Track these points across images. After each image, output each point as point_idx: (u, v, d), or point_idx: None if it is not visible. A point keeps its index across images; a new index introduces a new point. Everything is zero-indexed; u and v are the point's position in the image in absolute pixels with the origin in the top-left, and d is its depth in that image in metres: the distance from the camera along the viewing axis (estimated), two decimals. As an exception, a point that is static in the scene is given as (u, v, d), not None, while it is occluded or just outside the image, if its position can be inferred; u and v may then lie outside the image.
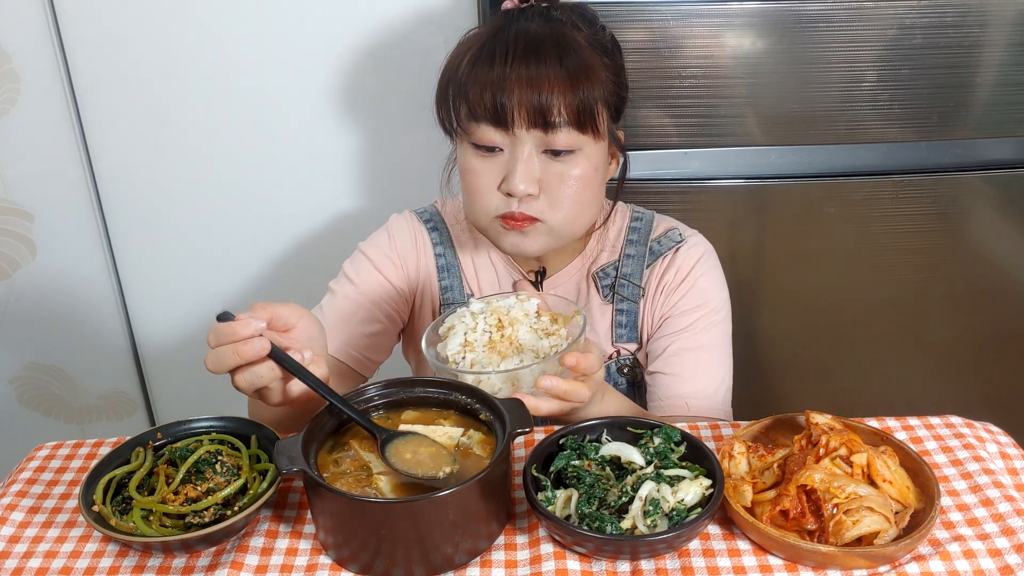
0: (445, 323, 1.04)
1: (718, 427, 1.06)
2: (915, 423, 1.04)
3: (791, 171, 1.52)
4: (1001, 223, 1.58)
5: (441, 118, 1.15)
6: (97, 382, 1.88)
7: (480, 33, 1.12)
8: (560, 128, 1.06)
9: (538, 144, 1.08)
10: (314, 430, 0.91)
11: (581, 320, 1.02)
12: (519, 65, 1.05)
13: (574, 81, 1.05)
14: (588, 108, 1.06)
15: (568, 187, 1.10)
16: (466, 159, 1.13)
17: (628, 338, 1.24)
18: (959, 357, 1.70)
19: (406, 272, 1.27)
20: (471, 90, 1.07)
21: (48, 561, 0.88)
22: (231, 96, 1.60)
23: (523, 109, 1.05)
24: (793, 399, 1.72)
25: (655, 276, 1.23)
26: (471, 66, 1.08)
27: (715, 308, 1.22)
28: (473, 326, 1.01)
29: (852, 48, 1.43)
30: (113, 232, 1.72)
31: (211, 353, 0.89)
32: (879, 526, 0.82)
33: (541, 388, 0.95)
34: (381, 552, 0.83)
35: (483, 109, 1.06)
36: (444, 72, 1.14)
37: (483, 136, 1.09)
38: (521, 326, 1.01)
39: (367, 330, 1.24)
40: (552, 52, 1.05)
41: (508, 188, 1.09)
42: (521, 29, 1.08)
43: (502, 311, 1.03)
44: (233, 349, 0.87)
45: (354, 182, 1.69)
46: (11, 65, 1.57)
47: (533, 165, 1.09)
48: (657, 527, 0.84)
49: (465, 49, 1.10)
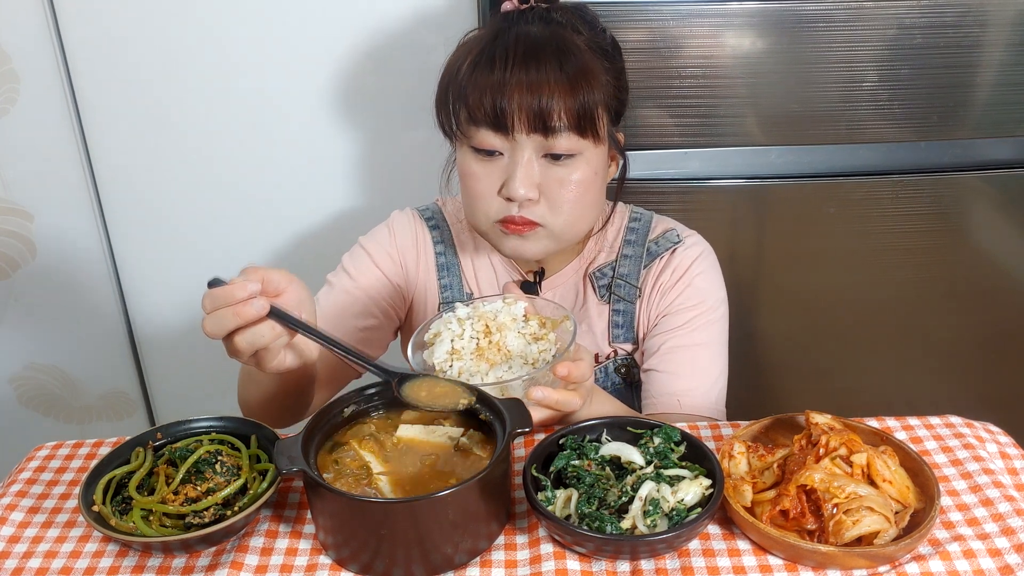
0: (431, 329, 1.03)
1: (718, 427, 1.06)
2: (915, 423, 1.04)
3: (791, 171, 1.52)
4: (1001, 223, 1.58)
5: (441, 121, 1.15)
6: (97, 382, 1.88)
7: (480, 36, 1.11)
8: (560, 133, 1.06)
9: (538, 148, 1.08)
10: (314, 430, 0.91)
11: (571, 326, 1.00)
12: (519, 70, 1.04)
13: (574, 86, 1.05)
14: (588, 112, 1.06)
15: (568, 191, 1.10)
16: (466, 163, 1.12)
17: (624, 338, 1.24)
18: (959, 357, 1.70)
19: (405, 269, 1.27)
20: (471, 95, 1.06)
21: (48, 561, 0.88)
22: (231, 96, 1.60)
23: (523, 114, 1.04)
24: (793, 399, 1.72)
25: (651, 277, 1.23)
26: (471, 70, 1.07)
27: (711, 307, 1.22)
28: (460, 333, 1.01)
29: (852, 48, 1.43)
30: (113, 232, 1.72)
31: (208, 317, 0.88)
32: (879, 526, 0.82)
33: (532, 399, 0.95)
34: (381, 552, 0.83)
35: (483, 114, 1.06)
36: (444, 75, 1.13)
37: (483, 140, 1.08)
38: (509, 332, 1.00)
39: (361, 324, 1.24)
40: (552, 56, 1.05)
41: (508, 193, 1.09)
42: (521, 32, 1.07)
43: (489, 316, 1.02)
44: (233, 311, 0.86)
45: (354, 182, 1.69)
46: (11, 65, 1.57)
47: (533, 169, 1.08)
48: (657, 527, 0.84)
49: (465, 52, 1.10)
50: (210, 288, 0.88)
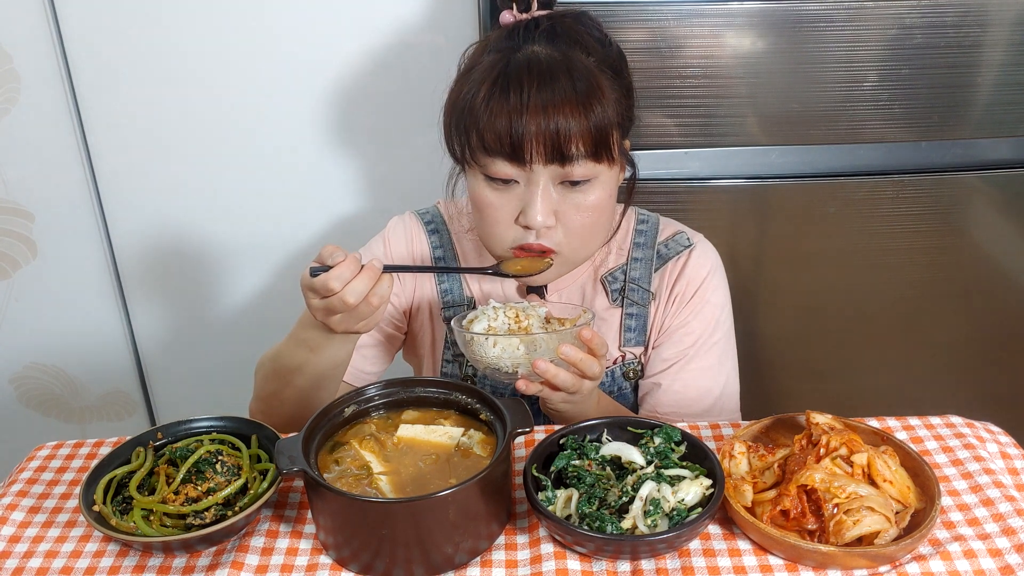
0: (468, 316, 1.10)
1: (718, 427, 1.06)
2: (915, 423, 1.04)
3: (791, 171, 1.52)
4: (1001, 223, 1.58)
5: (451, 147, 1.13)
6: (97, 382, 1.88)
7: (488, 64, 1.07)
8: (577, 161, 1.04)
9: (555, 176, 1.06)
10: (314, 430, 0.91)
11: (589, 315, 1.09)
12: (534, 100, 1.02)
13: (589, 113, 1.03)
14: (604, 138, 1.05)
15: (584, 216, 1.09)
16: (479, 191, 1.10)
17: (636, 341, 1.24)
18: (959, 357, 1.70)
19: (401, 281, 1.27)
20: (486, 129, 1.04)
21: (49, 561, 0.88)
22: (231, 97, 1.60)
23: (540, 146, 1.03)
24: (793, 399, 1.72)
25: (666, 282, 1.23)
26: (485, 102, 1.04)
27: (720, 323, 1.22)
28: (495, 317, 1.07)
29: (852, 48, 1.43)
30: (113, 232, 1.72)
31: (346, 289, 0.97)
32: (879, 526, 0.83)
33: (561, 353, 0.99)
34: (381, 552, 0.83)
35: (499, 145, 1.04)
36: (452, 101, 1.10)
37: (498, 170, 1.06)
38: (535, 321, 1.08)
39: (367, 354, 1.25)
40: (566, 83, 1.03)
41: (526, 221, 1.08)
42: (533, 59, 1.05)
43: (519, 308, 1.08)
44: (366, 275, 0.97)
45: (354, 184, 1.69)
46: (11, 65, 1.57)
47: (551, 197, 1.07)
48: (657, 527, 0.84)
49: (477, 82, 1.06)
50: (315, 274, 0.98)
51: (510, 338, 1.02)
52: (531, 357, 1.01)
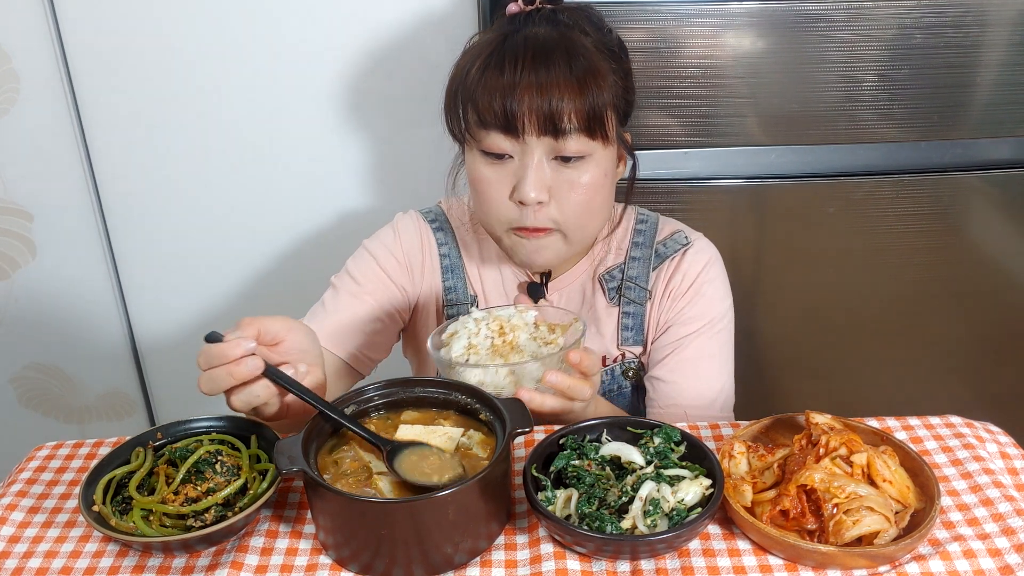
0: (448, 329, 1.06)
1: (718, 427, 1.06)
2: (915, 423, 1.04)
3: (791, 171, 1.52)
4: (1001, 223, 1.58)
5: (450, 125, 1.14)
6: (97, 382, 1.88)
7: (487, 40, 1.11)
8: (570, 134, 1.06)
9: (548, 151, 1.08)
10: (314, 430, 0.91)
11: (581, 326, 1.05)
12: (528, 72, 1.04)
13: (584, 88, 1.04)
14: (598, 114, 1.06)
15: (578, 193, 1.10)
16: (475, 167, 1.12)
17: (634, 341, 1.24)
18: (959, 357, 1.70)
19: (410, 272, 1.27)
20: (480, 98, 1.06)
21: (48, 561, 0.88)
22: (231, 96, 1.60)
23: (533, 116, 1.04)
24: (793, 399, 1.72)
25: (662, 279, 1.23)
26: (480, 74, 1.07)
27: (719, 316, 1.22)
28: (476, 331, 1.04)
29: (852, 48, 1.43)
30: (113, 232, 1.72)
31: (204, 376, 0.89)
32: (879, 526, 0.83)
33: (547, 382, 0.97)
34: (381, 552, 0.83)
35: (493, 117, 1.06)
36: (452, 79, 1.13)
37: (493, 143, 1.08)
38: (521, 332, 1.04)
39: (368, 328, 1.24)
40: (561, 58, 1.05)
41: (519, 196, 1.09)
42: (529, 35, 1.07)
43: (503, 318, 1.05)
44: (226, 371, 0.87)
45: (357, 184, 1.69)
46: (11, 65, 1.57)
47: (544, 172, 1.08)
48: (657, 527, 0.84)
49: (473, 56, 1.09)
50: (207, 344, 0.88)
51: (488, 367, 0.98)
52: (515, 380, 0.99)
